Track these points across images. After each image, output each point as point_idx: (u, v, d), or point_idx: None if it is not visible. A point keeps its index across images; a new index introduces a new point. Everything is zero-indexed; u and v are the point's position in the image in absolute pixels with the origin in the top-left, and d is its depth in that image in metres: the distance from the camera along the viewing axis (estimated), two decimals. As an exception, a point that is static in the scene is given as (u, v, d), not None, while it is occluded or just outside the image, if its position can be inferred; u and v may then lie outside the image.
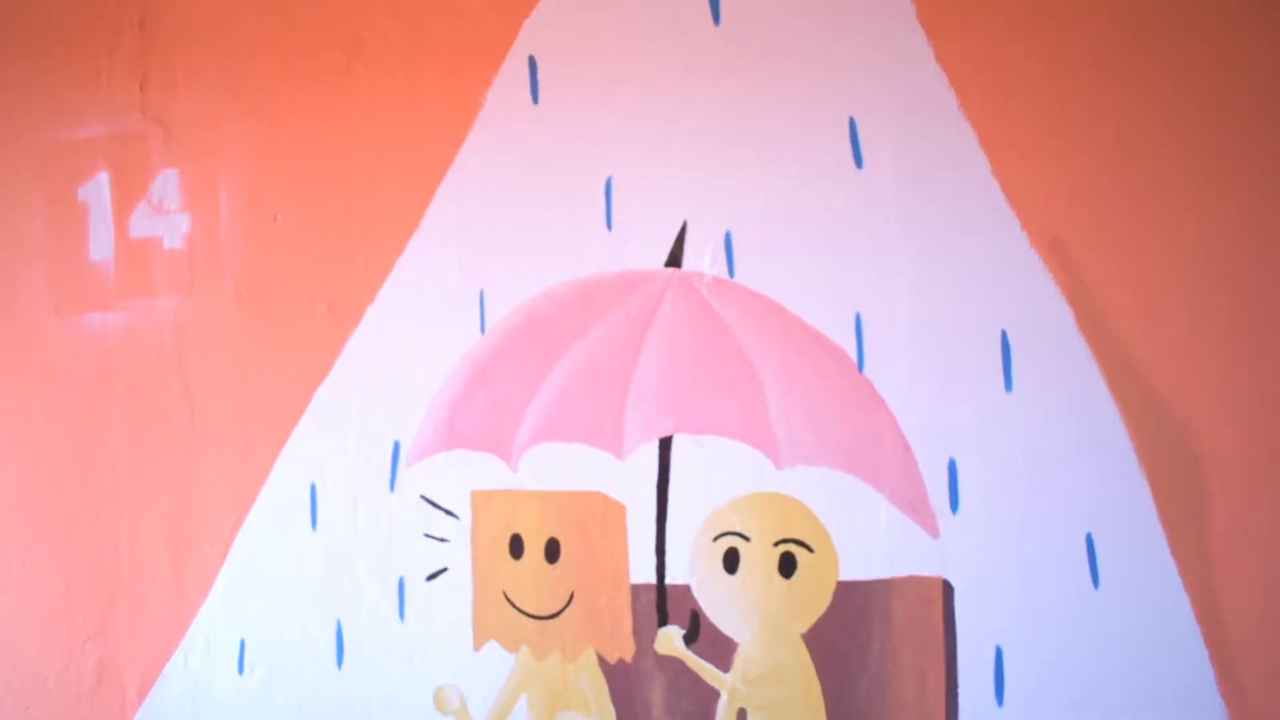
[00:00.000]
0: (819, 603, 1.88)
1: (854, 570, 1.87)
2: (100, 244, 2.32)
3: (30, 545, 2.34)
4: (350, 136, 2.14)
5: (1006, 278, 1.80)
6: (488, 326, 2.03)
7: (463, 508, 2.06)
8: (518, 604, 2.01)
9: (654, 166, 1.96)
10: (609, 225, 1.98)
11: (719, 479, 1.92)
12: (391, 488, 2.10)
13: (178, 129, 2.27)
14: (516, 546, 2.02)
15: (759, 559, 1.91)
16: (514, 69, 2.04)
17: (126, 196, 2.30)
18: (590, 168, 1.98)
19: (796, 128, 1.89)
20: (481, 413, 2.03)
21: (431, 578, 2.06)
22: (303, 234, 2.17)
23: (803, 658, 1.88)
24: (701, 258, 1.93)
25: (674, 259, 1.94)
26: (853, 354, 1.86)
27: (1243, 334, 1.72)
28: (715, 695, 1.93)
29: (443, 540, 2.06)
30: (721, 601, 1.93)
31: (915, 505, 1.84)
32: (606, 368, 1.95)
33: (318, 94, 2.16)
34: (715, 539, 1.93)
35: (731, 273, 1.92)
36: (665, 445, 1.94)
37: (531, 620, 2.00)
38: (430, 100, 2.08)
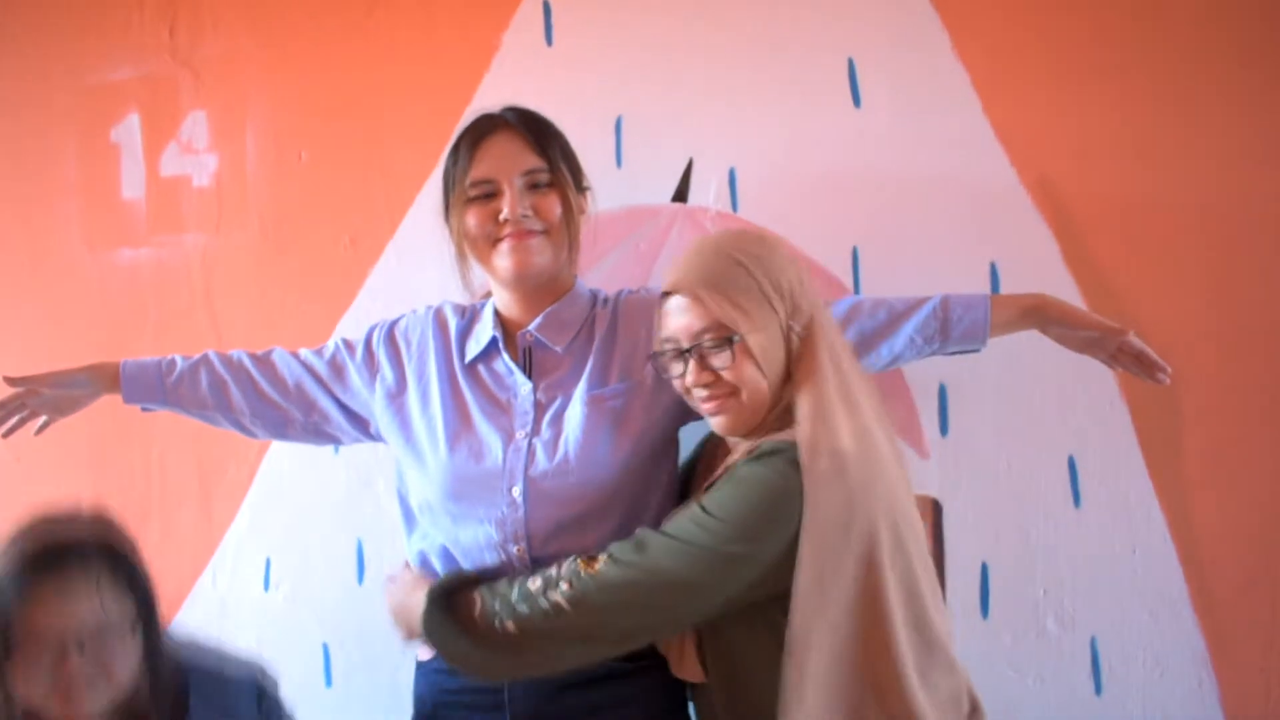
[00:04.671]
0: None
1: (848, 489, 1.95)
2: (132, 182, 2.40)
3: (62, 470, 2.43)
4: (372, 77, 2.22)
5: (996, 213, 1.89)
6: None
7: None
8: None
9: (662, 106, 2.04)
10: (619, 163, 2.06)
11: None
12: (411, 412, 2.17)
13: (206, 72, 2.35)
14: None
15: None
16: (529, 12, 2.12)
17: (157, 137, 2.39)
18: (601, 107, 2.06)
19: (798, 69, 1.97)
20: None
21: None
22: (326, 172, 2.26)
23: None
24: (706, 193, 2.02)
25: (680, 194, 2.03)
26: (849, 285, 1.94)
27: (1221, 266, 1.81)
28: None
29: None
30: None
31: (907, 428, 1.92)
32: (615, 298, 2.03)
33: (340, 37, 2.24)
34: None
35: (735, 207, 2.00)
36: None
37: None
38: (448, 42, 2.16)
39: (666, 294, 1.48)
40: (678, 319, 1.45)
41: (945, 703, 1.40)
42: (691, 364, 1.44)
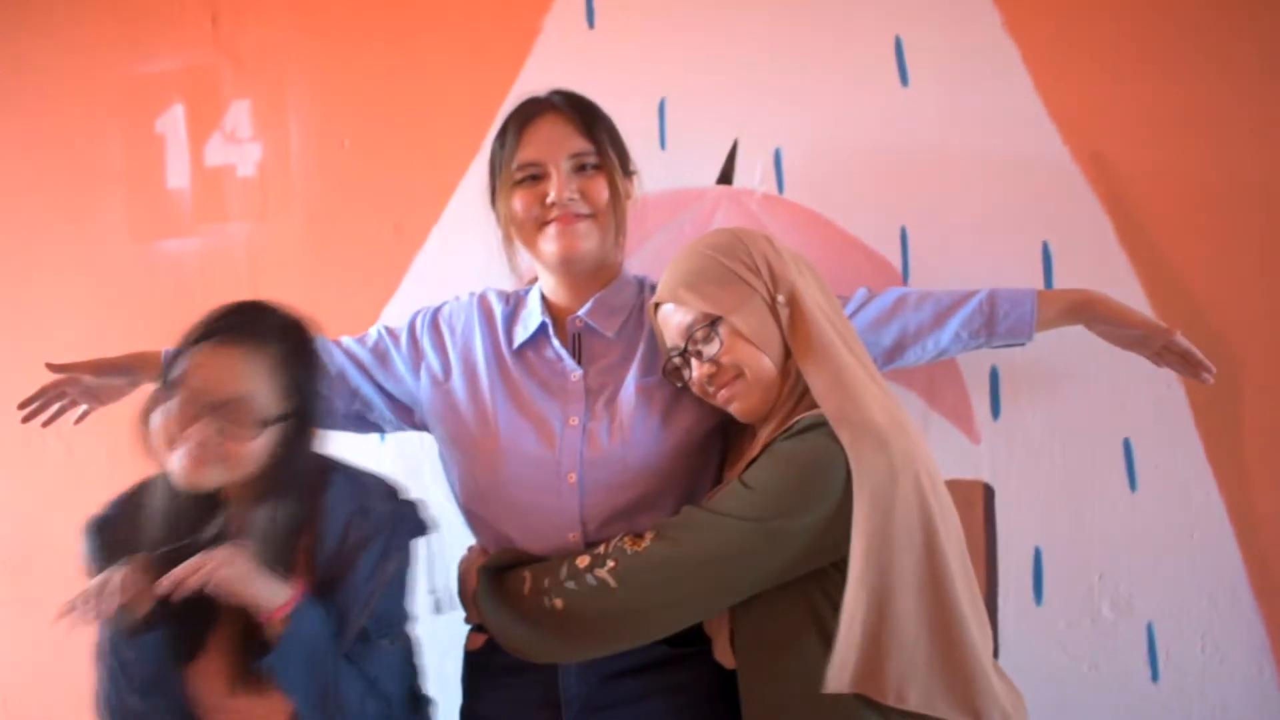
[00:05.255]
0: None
1: (898, 474, 1.92)
2: (176, 173, 2.42)
3: (114, 463, 2.42)
4: (413, 63, 2.21)
5: (1048, 191, 1.85)
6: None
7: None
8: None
9: (705, 88, 2.02)
10: (662, 145, 2.04)
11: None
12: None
13: (248, 61, 2.35)
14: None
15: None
16: (571, -5, 2.11)
17: (201, 127, 2.40)
18: (644, 89, 2.05)
19: (844, 47, 1.94)
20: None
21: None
22: (370, 158, 2.26)
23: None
24: (752, 175, 1.99)
25: (725, 176, 2.01)
26: (898, 265, 1.91)
27: (1279, 244, 1.76)
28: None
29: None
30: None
31: (958, 411, 1.90)
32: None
33: (381, 23, 2.24)
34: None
35: (780, 189, 1.98)
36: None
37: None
38: (490, 27, 2.15)
39: (656, 310, 1.55)
40: (669, 325, 1.52)
41: (990, 661, 1.41)
42: (693, 361, 1.49)
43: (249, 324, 1.51)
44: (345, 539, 1.52)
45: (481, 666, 1.65)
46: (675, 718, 1.56)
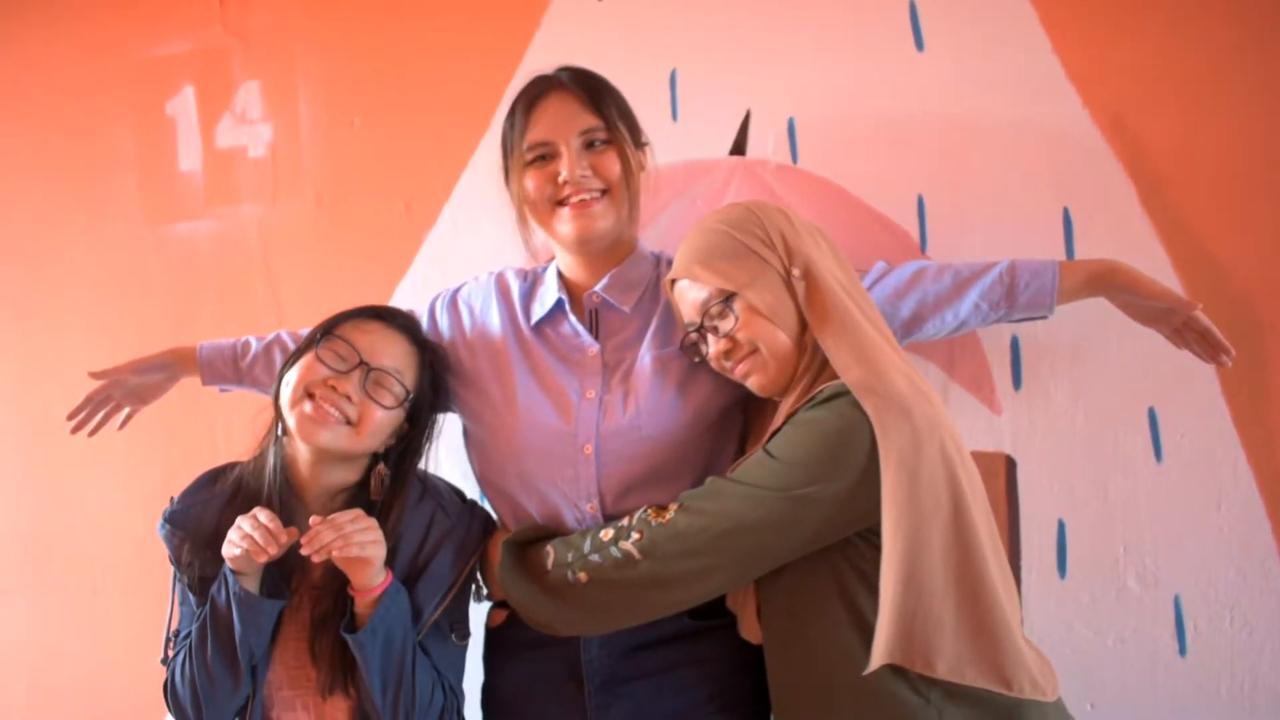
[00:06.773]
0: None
1: (918, 447, 1.90)
2: (188, 155, 2.42)
3: (132, 446, 2.44)
4: (422, 40, 2.20)
5: (1068, 156, 1.81)
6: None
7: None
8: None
9: (717, 58, 1.99)
10: (674, 117, 2.02)
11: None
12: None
13: (257, 42, 2.35)
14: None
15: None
16: (579, -33, 2.08)
17: (211, 109, 2.40)
18: (655, 61, 2.02)
19: (857, 13, 1.91)
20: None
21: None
22: (379, 137, 2.24)
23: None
24: (765, 145, 1.97)
25: (738, 147, 1.98)
26: (915, 234, 1.88)
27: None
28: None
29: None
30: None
31: (978, 382, 1.87)
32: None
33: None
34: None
35: (794, 159, 1.95)
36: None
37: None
38: (498, 0, 2.12)
39: (672, 286, 1.55)
40: (685, 302, 1.52)
41: (1019, 628, 1.40)
42: (710, 337, 1.49)
43: (412, 323, 1.64)
44: (428, 534, 1.56)
45: (503, 642, 1.66)
46: (699, 690, 1.56)
